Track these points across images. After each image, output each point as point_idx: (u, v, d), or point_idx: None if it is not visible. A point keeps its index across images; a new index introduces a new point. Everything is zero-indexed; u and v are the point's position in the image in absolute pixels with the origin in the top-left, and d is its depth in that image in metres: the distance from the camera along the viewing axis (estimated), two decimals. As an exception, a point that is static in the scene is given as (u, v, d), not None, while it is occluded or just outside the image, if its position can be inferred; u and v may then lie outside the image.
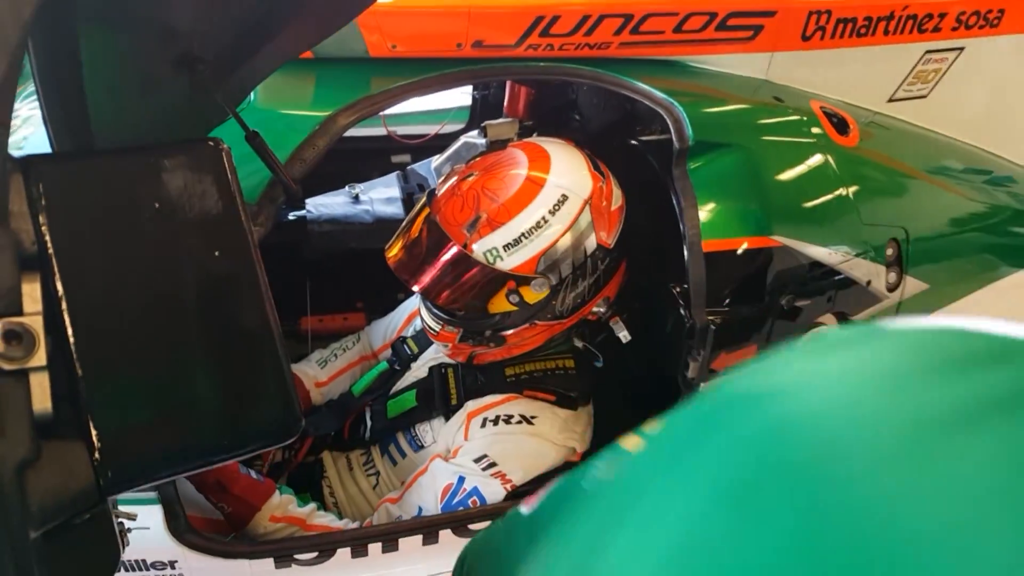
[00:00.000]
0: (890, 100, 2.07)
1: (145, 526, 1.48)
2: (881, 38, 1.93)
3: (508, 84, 2.22)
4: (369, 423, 1.97)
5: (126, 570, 1.62)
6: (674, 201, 1.69)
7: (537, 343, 1.79)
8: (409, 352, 2.03)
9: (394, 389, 1.98)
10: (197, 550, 1.60)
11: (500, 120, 2.09)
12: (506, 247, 1.61)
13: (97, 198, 0.65)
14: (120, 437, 0.65)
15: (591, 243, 1.65)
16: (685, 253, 1.66)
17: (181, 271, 0.70)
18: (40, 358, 0.61)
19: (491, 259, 1.62)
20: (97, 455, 0.65)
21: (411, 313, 2.14)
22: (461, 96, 2.49)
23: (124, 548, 1.27)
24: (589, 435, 1.85)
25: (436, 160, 2.32)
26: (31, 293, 0.60)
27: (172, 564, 1.63)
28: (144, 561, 1.62)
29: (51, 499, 0.64)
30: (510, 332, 1.74)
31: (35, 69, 0.77)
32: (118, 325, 0.66)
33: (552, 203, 1.62)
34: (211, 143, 0.74)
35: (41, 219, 0.61)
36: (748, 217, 1.69)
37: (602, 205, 1.67)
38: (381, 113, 2.53)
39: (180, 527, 1.58)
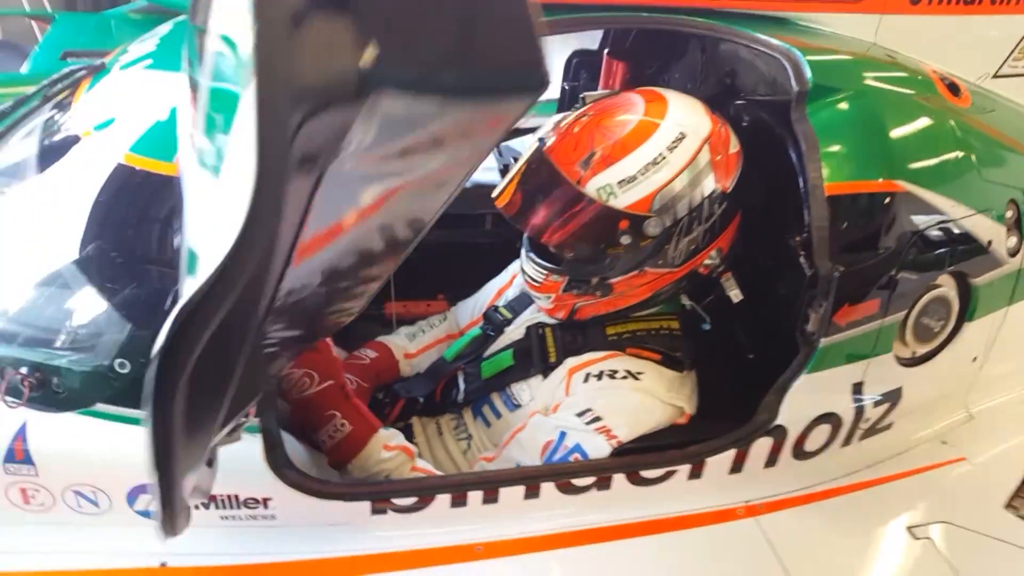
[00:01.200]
0: (995, 76, 2.04)
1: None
2: (988, 7, 1.91)
3: (604, 60, 2.23)
4: (462, 385, 1.90)
5: (216, 506, 1.54)
6: (791, 149, 1.65)
7: (645, 294, 1.72)
8: (502, 319, 1.97)
9: (488, 352, 1.91)
10: (294, 487, 1.51)
11: (599, 92, 2.09)
12: (621, 184, 1.56)
13: None
14: (387, 28, 0.60)
15: (709, 184, 1.60)
16: (805, 198, 1.61)
17: None
18: None
19: (605, 196, 1.57)
20: (363, 36, 0.60)
21: (501, 288, 2.09)
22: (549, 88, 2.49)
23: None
24: (695, 401, 1.76)
25: (530, 137, 2.30)
26: None
27: (265, 502, 1.54)
28: (237, 497, 1.53)
29: (312, 70, 0.58)
30: (618, 279, 1.67)
31: None
32: None
33: (670, 140, 1.58)
34: None
35: None
36: (870, 160, 1.64)
37: (720, 147, 1.63)
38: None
39: (278, 460, 1.50)
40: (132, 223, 1.49)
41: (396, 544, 1.59)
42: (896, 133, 1.68)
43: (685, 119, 1.62)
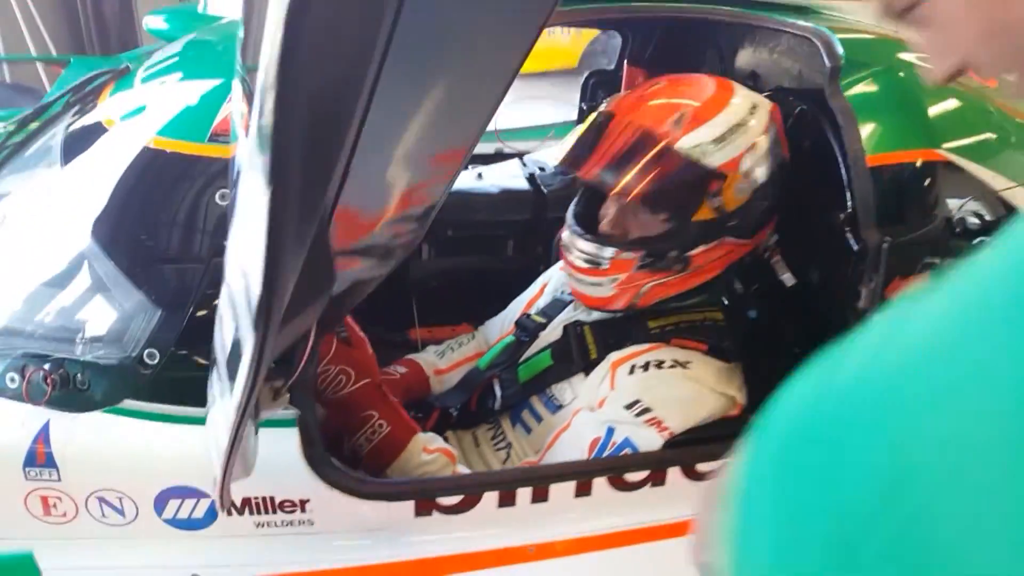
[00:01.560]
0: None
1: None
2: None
3: (625, 69, 2.23)
4: (499, 392, 1.81)
5: (251, 511, 1.43)
6: (827, 128, 1.63)
7: (720, 267, 1.66)
8: (536, 324, 1.90)
9: (524, 356, 1.83)
10: (334, 486, 1.42)
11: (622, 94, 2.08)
12: (714, 142, 1.54)
13: None
14: None
15: (779, 152, 1.61)
16: (847, 172, 1.58)
17: None
18: None
19: (699, 155, 1.53)
20: None
21: (531, 298, 2.03)
22: (567, 111, 2.50)
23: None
24: (745, 393, 1.68)
25: (555, 149, 2.28)
26: None
27: (303, 505, 1.44)
28: (272, 500, 1.43)
29: None
30: (698, 251, 1.61)
31: None
32: None
33: (748, 107, 1.59)
34: None
35: None
36: (909, 131, 1.62)
37: (781, 120, 1.65)
38: (495, 128, 2.55)
39: (317, 457, 1.41)
40: (161, 205, 1.44)
41: (443, 548, 1.49)
42: (933, 104, 1.67)
43: (751, 93, 1.64)
